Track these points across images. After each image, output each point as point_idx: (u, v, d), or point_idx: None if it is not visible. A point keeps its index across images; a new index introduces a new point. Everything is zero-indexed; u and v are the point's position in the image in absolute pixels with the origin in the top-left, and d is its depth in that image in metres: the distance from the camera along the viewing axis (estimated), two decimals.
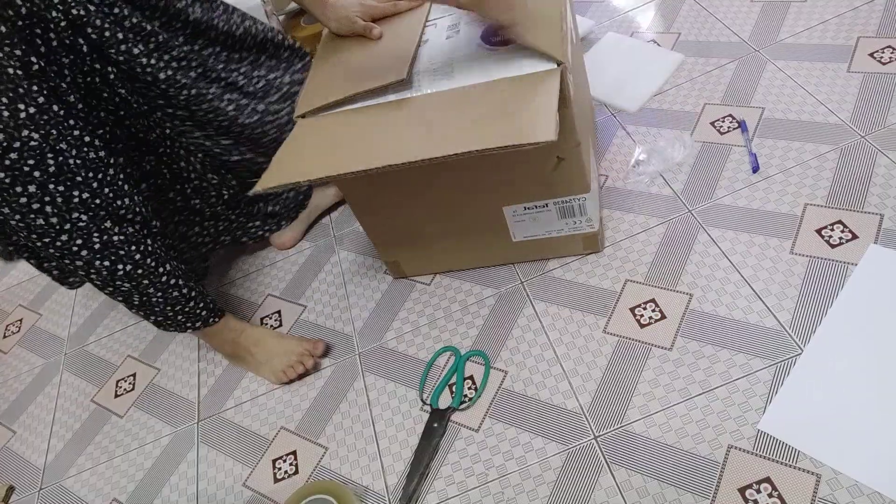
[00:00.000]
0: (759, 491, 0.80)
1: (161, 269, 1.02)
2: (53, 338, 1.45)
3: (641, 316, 1.00)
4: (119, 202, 0.94)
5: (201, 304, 1.10)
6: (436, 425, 0.99)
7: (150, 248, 1.00)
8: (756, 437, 0.84)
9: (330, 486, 0.95)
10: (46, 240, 0.88)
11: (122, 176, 0.97)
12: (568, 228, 1.05)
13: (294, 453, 1.06)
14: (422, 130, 0.83)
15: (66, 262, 0.93)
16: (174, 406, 1.21)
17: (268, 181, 0.85)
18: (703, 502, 0.81)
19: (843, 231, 0.98)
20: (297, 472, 1.04)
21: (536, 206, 1.02)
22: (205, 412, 1.17)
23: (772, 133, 1.14)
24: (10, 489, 1.20)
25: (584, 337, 1.01)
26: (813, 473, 0.79)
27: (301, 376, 1.13)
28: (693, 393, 0.90)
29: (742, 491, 0.81)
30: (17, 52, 0.81)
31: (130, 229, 0.96)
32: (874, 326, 0.88)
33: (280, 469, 1.05)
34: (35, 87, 0.83)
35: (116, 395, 1.27)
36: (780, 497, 0.79)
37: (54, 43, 0.87)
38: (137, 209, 0.99)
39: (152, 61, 0.99)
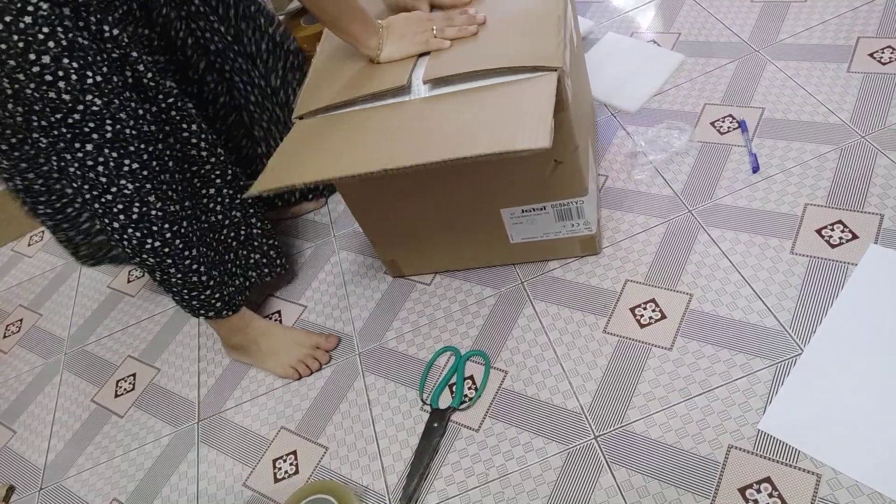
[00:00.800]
0: (759, 491, 0.80)
1: (186, 253, 1.03)
2: (53, 338, 1.45)
3: (641, 316, 1.00)
4: (164, 176, 0.98)
5: (217, 296, 1.10)
6: (436, 425, 0.99)
7: (181, 230, 1.02)
8: (756, 436, 0.84)
9: (330, 486, 0.95)
10: (95, 192, 0.94)
11: (168, 153, 1.00)
12: (566, 231, 1.05)
13: (294, 453, 1.06)
14: (417, 135, 0.83)
15: (106, 221, 0.97)
16: (174, 406, 1.21)
17: (263, 184, 0.86)
18: (704, 502, 0.81)
19: (843, 231, 0.98)
20: (297, 471, 1.04)
21: (534, 209, 1.02)
22: (205, 412, 1.17)
23: (772, 133, 1.14)
24: (11, 489, 1.20)
25: (585, 337, 1.01)
26: (813, 473, 0.79)
27: (311, 373, 1.14)
28: (693, 393, 0.90)
29: (742, 491, 0.81)
30: (92, 20, 0.88)
31: (171, 208, 1.00)
32: (874, 326, 0.88)
33: (280, 469, 1.05)
34: (100, 58, 0.88)
35: (116, 395, 1.27)
36: (780, 497, 0.79)
37: (124, 9, 0.94)
38: (179, 188, 1.02)
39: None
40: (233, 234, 1.15)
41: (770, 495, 0.79)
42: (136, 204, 0.96)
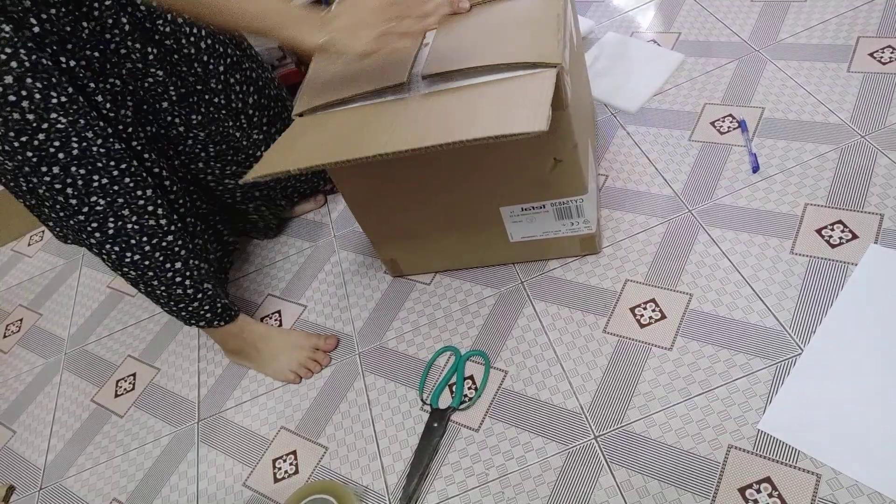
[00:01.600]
0: (759, 491, 0.80)
1: (168, 265, 1.02)
2: (53, 338, 1.45)
3: (641, 316, 1.00)
4: (140, 192, 0.97)
5: (207, 307, 1.10)
6: (436, 425, 0.99)
7: (163, 244, 1.01)
8: (756, 436, 0.84)
9: (330, 486, 0.95)
10: (66, 213, 0.93)
11: (146, 168, 1.00)
12: (565, 230, 1.05)
13: (294, 453, 1.06)
14: (414, 124, 0.83)
15: (83, 237, 0.96)
16: (174, 406, 1.21)
17: (258, 170, 0.86)
18: (704, 502, 0.81)
19: (843, 231, 0.98)
20: (297, 471, 1.04)
21: (534, 207, 1.02)
22: (205, 412, 1.17)
23: (772, 133, 1.14)
24: (11, 489, 1.20)
25: (585, 337, 1.01)
26: (813, 473, 0.79)
27: (312, 375, 1.14)
28: (693, 393, 0.90)
29: (742, 491, 0.81)
30: (49, 50, 0.87)
31: (150, 221, 0.99)
32: (874, 326, 0.88)
33: (280, 469, 1.05)
34: (64, 79, 0.88)
35: (116, 395, 1.27)
36: (780, 497, 0.79)
37: (86, 33, 0.92)
38: (160, 202, 1.00)
39: (194, 30, 1.05)
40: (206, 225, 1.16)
41: (770, 495, 0.79)
42: (111, 219, 0.95)
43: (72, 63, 0.90)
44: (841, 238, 0.98)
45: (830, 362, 0.87)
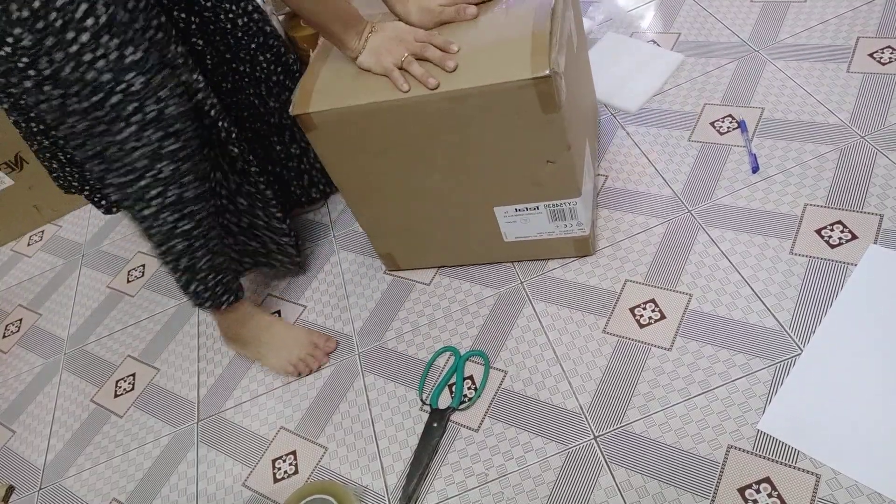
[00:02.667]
0: (758, 491, 0.80)
1: (213, 233, 1.02)
2: (53, 338, 1.45)
3: (641, 316, 1.00)
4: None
5: (225, 281, 1.08)
6: (435, 425, 0.99)
7: (208, 211, 1.00)
8: (756, 437, 0.84)
9: (330, 486, 0.95)
10: (130, 177, 0.91)
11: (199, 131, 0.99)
12: (559, 231, 1.05)
13: (294, 453, 1.06)
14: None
15: (138, 207, 0.94)
16: (174, 406, 1.21)
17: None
18: (703, 502, 0.81)
19: (842, 231, 0.98)
20: (296, 472, 1.04)
21: (527, 208, 1.02)
22: (204, 412, 1.17)
23: (771, 133, 1.14)
24: (10, 489, 1.20)
25: (584, 337, 1.01)
26: (812, 473, 0.79)
27: (310, 372, 1.14)
28: (693, 393, 0.90)
29: (742, 491, 0.81)
30: (129, 4, 0.86)
31: (204, 186, 0.97)
32: (874, 327, 0.88)
33: (280, 469, 1.05)
34: (139, 34, 0.86)
35: (116, 395, 1.27)
36: (779, 497, 0.79)
37: None
38: (210, 169, 1.00)
39: (233, 7, 1.05)
40: (235, 219, 1.14)
41: (769, 495, 0.79)
42: (173, 187, 0.93)
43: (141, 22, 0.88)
44: (840, 238, 0.98)
45: (830, 362, 0.87)
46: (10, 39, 0.79)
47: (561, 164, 0.94)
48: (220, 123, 1.02)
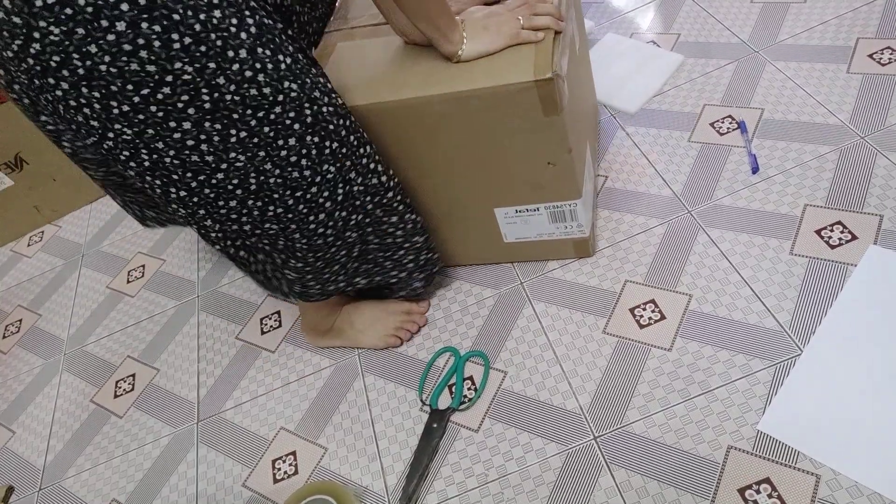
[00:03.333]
0: (758, 491, 0.80)
1: (312, 217, 0.90)
2: (53, 338, 1.45)
3: (641, 316, 1.00)
4: (281, 142, 0.83)
5: (281, 283, 1.02)
6: (435, 426, 0.99)
7: (307, 196, 0.90)
8: (756, 437, 0.84)
9: (329, 487, 0.94)
10: (202, 177, 0.82)
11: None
12: (559, 233, 1.05)
13: (294, 454, 1.06)
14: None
15: (220, 203, 0.85)
16: (174, 406, 1.21)
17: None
18: (703, 503, 0.81)
19: (842, 232, 0.98)
20: (296, 472, 1.04)
21: (528, 210, 1.02)
22: (204, 412, 1.17)
23: (771, 134, 1.14)
24: (10, 489, 1.20)
25: (584, 337, 1.01)
26: (812, 474, 0.79)
27: (411, 337, 1.13)
28: (693, 393, 0.90)
29: (742, 491, 0.81)
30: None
31: (295, 174, 0.86)
32: (874, 327, 0.88)
33: (280, 469, 1.05)
34: (285, 36, 0.81)
35: (116, 396, 1.27)
36: (779, 497, 0.79)
37: None
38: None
39: None
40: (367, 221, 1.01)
41: (769, 496, 0.79)
42: (252, 174, 0.83)
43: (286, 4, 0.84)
44: (840, 239, 0.98)
45: (830, 363, 0.87)
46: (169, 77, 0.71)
47: (561, 166, 0.94)
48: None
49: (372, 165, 0.92)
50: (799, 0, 1.33)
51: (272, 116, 0.79)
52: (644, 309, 1.01)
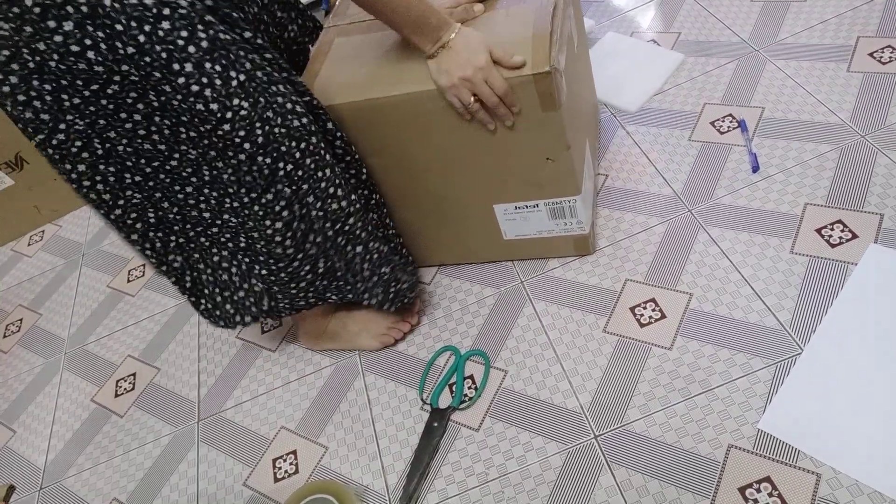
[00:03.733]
0: (759, 490, 0.80)
1: (269, 223, 0.89)
2: (53, 337, 1.45)
3: (641, 315, 1.00)
4: (231, 154, 0.83)
5: (251, 301, 1.01)
6: (436, 425, 0.99)
7: (262, 201, 0.89)
8: (756, 436, 0.84)
9: (330, 486, 0.95)
10: (156, 164, 0.84)
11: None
12: (559, 229, 1.05)
13: (294, 453, 1.06)
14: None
15: (177, 188, 0.87)
16: (174, 406, 1.21)
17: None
18: (704, 502, 0.81)
19: (843, 231, 0.98)
20: (297, 471, 1.04)
21: (527, 206, 1.02)
22: (205, 412, 1.17)
23: (772, 133, 1.14)
24: (11, 489, 1.20)
25: (584, 336, 1.01)
26: (813, 473, 0.79)
27: (404, 337, 1.12)
28: (693, 392, 0.90)
29: (742, 490, 0.81)
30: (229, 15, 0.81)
31: (248, 178, 0.86)
32: (874, 326, 0.88)
33: (280, 469, 1.05)
34: (242, 53, 0.80)
35: (116, 395, 1.27)
36: (780, 496, 0.79)
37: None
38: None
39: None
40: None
41: (770, 495, 0.79)
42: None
43: (247, 34, 0.82)
44: (841, 238, 0.98)
45: (830, 362, 0.87)
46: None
47: (560, 162, 0.94)
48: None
49: (332, 190, 0.90)
50: None
51: (220, 132, 0.78)
52: (644, 308, 1.01)
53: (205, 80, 0.76)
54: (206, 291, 1.01)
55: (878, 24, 1.22)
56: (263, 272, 0.95)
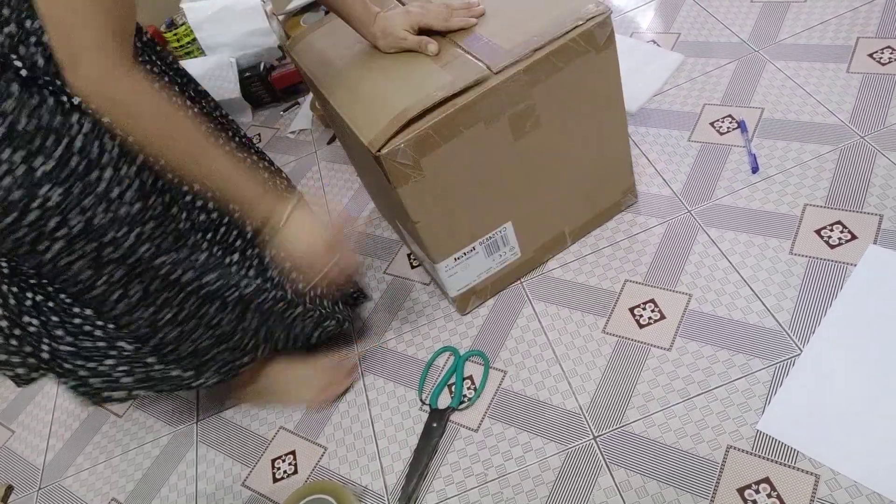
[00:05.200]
0: (758, 491, 0.80)
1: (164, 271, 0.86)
2: None
3: (641, 316, 1.00)
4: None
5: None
6: (435, 425, 0.99)
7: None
8: (755, 437, 0.84)
9: (329, 486, 0.95)
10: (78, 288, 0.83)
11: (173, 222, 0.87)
12: (496, 264, 1.05)
13: (293, 453, 1.06)
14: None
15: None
16: (173, 406, 1.21)
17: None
18: (702, 503, 0.81)
19: (842, 231, 0.98)
20: (296, 471, 1.04)
21: (465, 253, 1.00)
22: (204, 412, 1.17)
23: (771, 133, 1.14)
24: (9, 489, 1.20)
25: (584, 337, 1.01)
26: (812, 474, 0.79)
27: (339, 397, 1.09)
28: (692, 393, 0.90)
29: (741, 491, 0.81)
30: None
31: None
32: (873, 327, 0.88)
33: (279, 469, 1.05)
34: (53, 137, 0.75)
35: None
36: (779, 497, 0.79)
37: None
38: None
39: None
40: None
41: (769, 496, 0.79)
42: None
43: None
44: (840, 239, 0.98)
45: (829, 363, 0.87)
46: None
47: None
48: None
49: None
50: None
51: (26, 221, 0.75)
52: (644, 308, 1.01)
53: (5, 166, 0.71)
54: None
55: (877, 24, 1.22)
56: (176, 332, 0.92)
